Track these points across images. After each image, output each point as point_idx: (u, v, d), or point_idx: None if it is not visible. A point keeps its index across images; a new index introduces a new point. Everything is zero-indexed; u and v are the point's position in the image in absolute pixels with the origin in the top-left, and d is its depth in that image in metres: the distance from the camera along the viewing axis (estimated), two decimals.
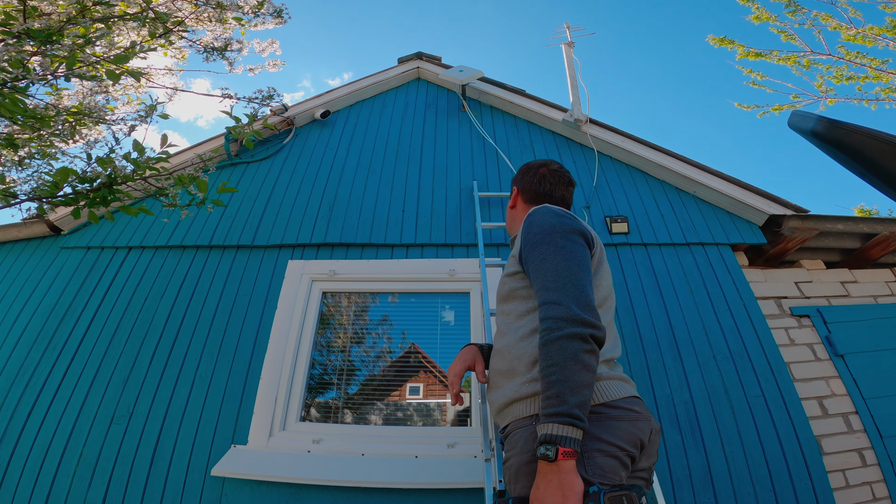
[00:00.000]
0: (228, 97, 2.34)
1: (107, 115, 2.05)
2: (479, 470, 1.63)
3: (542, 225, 1.00)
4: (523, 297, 1.03)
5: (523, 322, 1.00)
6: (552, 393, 0.79)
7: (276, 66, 2.63)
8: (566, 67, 3.03)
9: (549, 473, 0.76)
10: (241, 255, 2.38)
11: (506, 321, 1.05)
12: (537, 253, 0.97)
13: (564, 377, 0.80)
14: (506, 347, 1.00)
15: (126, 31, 2.14)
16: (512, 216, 1.31)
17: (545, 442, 0.76)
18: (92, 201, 1.68)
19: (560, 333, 0.83)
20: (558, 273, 0.91)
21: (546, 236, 0.98)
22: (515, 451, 0.88)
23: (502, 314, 1.07)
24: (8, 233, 2.57)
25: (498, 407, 0.99)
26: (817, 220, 2.21)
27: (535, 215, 1.04)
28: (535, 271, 0.95)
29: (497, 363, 1.02)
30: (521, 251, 1.03)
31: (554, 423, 0.77)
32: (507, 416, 0.95)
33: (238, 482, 1.70)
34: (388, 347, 2.15)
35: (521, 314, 1.01)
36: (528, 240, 1.01)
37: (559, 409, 0.78)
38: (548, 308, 0.88)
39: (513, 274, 1.06)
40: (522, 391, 0.92)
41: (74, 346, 2.13)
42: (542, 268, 0.93)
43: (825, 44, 4.59)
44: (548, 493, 0.74)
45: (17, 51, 1.61)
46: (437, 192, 2.58)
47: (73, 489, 1.74)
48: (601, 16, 62.93)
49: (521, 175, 1.31)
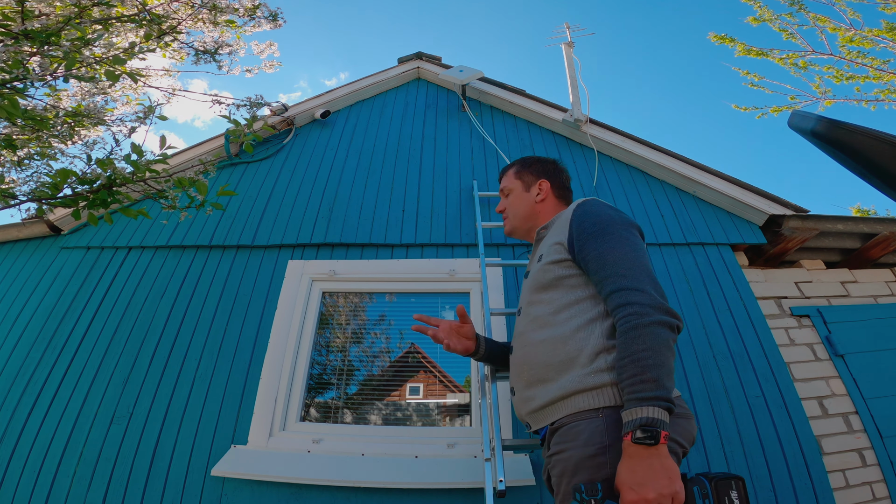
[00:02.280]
0: (218, 102, 2.33)
1: (106, 116, 2.05)
2: (479, 470, 1.63)
3: (602, 215, 0.99)
4: (571, 286, 0.98)
5: (573, 312, 0.95)
6: (649, 377, 0.77)
7: (272, 67, 2.63)
8: (566, 67, 3.02)
9: (650, 458, 0.73)
10: (241, 255, 2.38)
11: (544, 310, 0.99)
12: (601, 241, 0.94)
13: (660, 362, 0.78)
14: (556, 338, 0.94)
15: (124, 32, 2.14)
16: (536, 210, 1.25)
17: (645, 426, 0.73)
18: (91, 203, 1.67)
19: (651, 319, 0.82)
20: (632, 262, 0.90)
21: (609, 226, 0.96)
22: (576, 444, 0.84)
23: (538, 303, 1.01)
24: (8, 233, 2.57)
25: (547, 401, 0.92)
26: (817, 220, 2.21)
27: (591, 205, 1.02)
28: (599, 259, 0.92)
29: (542, 355, 0.95)
30: (573, 239, 0.99)
31: (653, 406, 0.75)
32: (561, 409, 0.90)
33: (238, 482, 1.70)
34: (387, 347, 2.15)
35: (568, 304, 0.96)
36: (585, 228, 0.97)
37: (658, 392, 0.76)
38: (629, 294, 0.85)
39: (558, 262, 1.00)
40: (586, 382, 0.87)
41: (74, 346, 2.13)
42: (611, 255, 0.91)
43: (826, 43, 4.59)
44: (651, 476, 0.71)
45: (15, 51, 1.61)
46: (437, 192, 2.58)
47: (73, 489, 1.74)
48: (601, 16, 62.99)
49: (546, 168, 1.29)
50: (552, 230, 1.10)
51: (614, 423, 0.82)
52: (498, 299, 2.12)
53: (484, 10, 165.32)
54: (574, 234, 0.99)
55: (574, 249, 0.98)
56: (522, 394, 0.99)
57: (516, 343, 1.06)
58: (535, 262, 1.10)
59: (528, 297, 1.06)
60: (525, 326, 1.03)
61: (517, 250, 2.33)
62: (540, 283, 1.03)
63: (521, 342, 1.03)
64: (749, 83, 4.94)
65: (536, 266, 1.06)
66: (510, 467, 1.64)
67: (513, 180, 1.31)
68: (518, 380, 1.01)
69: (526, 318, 1.04)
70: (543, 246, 1.09)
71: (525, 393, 0.98)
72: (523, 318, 1.05)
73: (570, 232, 1.00)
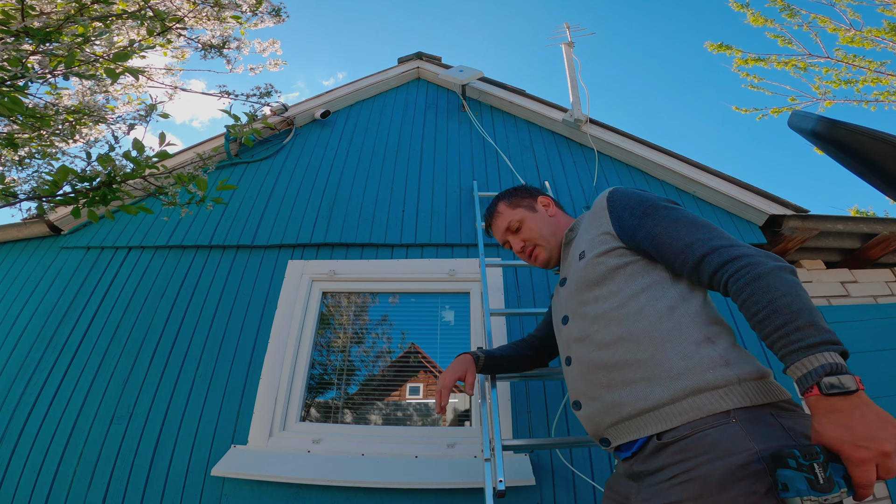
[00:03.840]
0: (227, 94, 2.34)
1: (106, 114, 2.05)
2: (479, 470, 1.63)
3: (643, 195, 0.93)
4: (630, 275, 0.88)
5: (643, 301, 0.84)
6: (804, 322, 0.65)
7: (276, 65, 2.63)
8: (566, 67, 3.03)
9: (858, 408, 0.61)
10: (241, 255, 2.38)
11: (607, 306, 0.87)
12: (658, 217, 0.86)
13: (808, 305, 0.66)
14: (637, 332, 0.81)
15: (125, 29, 2.14)
16: (554, 224, 1.18)
17: (833, 373, 0.61)
18: (92, 200, 1.67)
19: (771, 266, 0.71)
20: (706, 226, 0.82)
21: (656, 202, 0.89)
22: (712, 457, 0.67)
23: (595, 301, 0.90)
24: (8, 233, 2.57)
25: (646, 405, 0.77)
26: (817, 220, 2.22)
27: (624, 190, 0.96)
28: (667, 234, 0.83)
29: (623, 353, 0.82)
30: (622, 224, 0.91)
31: (826, 352, 0.63)
32: (671, 415, 0.74)
33: (238, 482, 1.70)
34: (387, 347, 2.15)
35: (634, 293, 0.85)
36: (633, 210, 0.90)
37: (824, 336, 0.64)
38: (727, 250, 0.76)
39: (608, 252, 0.91)
40: (703, 380, 0.73)
41: (74, 346, 2.13)
42: (681, 226, 0.83)
43: (823, 47, 4.60)
44: (874, 428, 0.59)
45: (15, 49, 1.61)
46: (437, 192, 2.58)
47: (73, 489, 1.74)
48: (601, 16, 62.99)
49: (531, 190, 1.26)
50: (582, 229, 1.03)
51: (753, 426, 0.68)
52: (498, 299, 2.12)
53: (484, 10, 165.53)
54: (622, 219, 0.91)
55: (626, 234, 0.90)
56: (603, 401, 0.84)
57: (577, 350, 0.92)
58: (573, 264, 1.00)
59: (576, 300, 0.95)
60: (585, 329, 0.91)
61: None
62: (590, 279, 0.92)
63: (586, 347, 0.90)
64: (749, 85, 4.95)
65: (579, 265, 0.96)
66: (510, 467, 1.64)
67: (513, 212, 1.19)
68: (592, 387, 0.87)
69: (582, 321, 0.92)
70: (578, 245, 1.00)
71: (607, 399, 0.83)
72: (577, 323, 0.94)
73: (613, 219, 0.93)
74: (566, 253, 1.10)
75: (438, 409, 1.12)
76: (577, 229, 1.07)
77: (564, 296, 1.02)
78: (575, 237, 1.07)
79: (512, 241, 1.21)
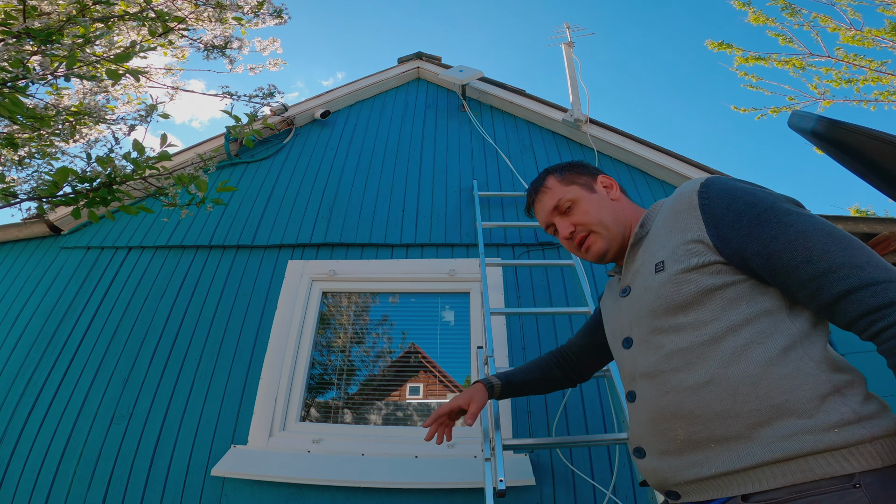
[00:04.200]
0: (229, 95, 2.34)
1: (107, 114, 2.05)
2: (479, 470, 1.63)
3: (751, 192, 0.69)
4: (731, 300, 0.68)
5: (747, 336, 0.65)
6: None
7: (276, 65, 2.63)
8: (566, 67, 3.03)
9: None
10: (241, 255, 2.38)
11: (693, 339, 0.68)
12: (776, 227, 0.64)
13: None
14: (736, 378, 0.64)
15: (126, 30, 2.14)
16: (618, 210, 0.92)
17: None
18: (92, 201, 1.68)
19: None
20: (851, 244, 0.61)
21: (775, 204, 0.66)
22: None
23: (677, 330, 0.71)
24: (8, 233, 2.57)
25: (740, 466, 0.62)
26: None
27: (724, 183, 0.72)
28: (792, 251, 0.63)
29: (714, 403, 0.65)
30: (721, 231, 0.69)
31: None
32: (771, 475, 0.60)
33: (238, 482, 1.70)
34: (388, 347, 2.15)
35: (734, 326, 0.66)
36: (741, 213, 0.68)
37: None
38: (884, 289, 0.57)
39: (700, 267, 0.69)
40: (825, 442, 0.58)
41: (74, 346, 2.13)
42: (813, 242, 0.62)
43: (824, 46, 4.60)
44: None
45: (16, 50, 1.61)
46: (437, 192, 2.59)
47: (73, 489, 1.74)
48: (601, 16, 62.94)
49: (589, 166, 1.00)
50: (658, 228, 0.80)
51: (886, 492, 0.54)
52: (498, 299, 2.12)
53: (484, 10, 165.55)
54: (722, 225, 0.69)
55: (728, 247, 0.68)
56: (679, 459, 0.69)
57: (644, 388, 0.76)
58: (644, 275, 0.78)
59: (648, 324, 0.75)
60: (658, 364, 0.73)
61: (517, 250, 2.33)
62: (672, 301, 0.71)
63: (657, 387, 0.72)
64: (748, 84, 4.95)
65: (655, 279, 0.75)
66: (510, 467, 1.64)
67: (565, 189, 0.94)
68: (663, 439, 0.71)
69: (654, 352, 0.74)
70: (652, 249, 0.79)
71: (687, 457, 0.68)
72: (647, 354, 0.75)
73: (709, 223, 0.70)
74: (633, 255, 0.86)
75: (428, 436, 1.06)
76: (650, 225, 0.84)
77: (629, 313, 0.82)
78: (646, 236, 0.83)
79: (559, 225, 0.94)
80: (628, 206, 0.94)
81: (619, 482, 1.66)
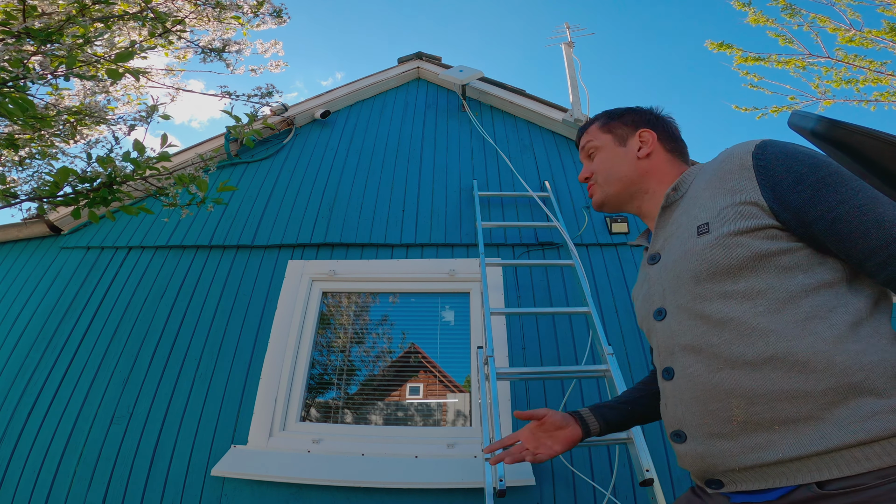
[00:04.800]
0: (228, 95, 2.34)
1: (107, 115, 2.05)
2: (479, 470, 1.64)
3: (813, 155, 0.65)
4: (787, 268, 0.63)
5: (809, 309, 0.60)
6: None
7: (278, 66, 2.63)
8: (566, 67, 3.03)
9: None
10: (241, 255, 2.38)
11: (745, 310, 0.63)
12: (842, 192, 0.60)
13: None
14: (803, 353, 0.58)
15: (126, 30, 2.14)
16: (641, 169, 0.87)
17: None
18: (92, 201, 1.68)
19: None
20: None
21: (838, 168, 0.62)
22: None
23: (722, 297, 0.65)
24: (8, 233, 2.57)
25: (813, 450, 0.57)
26: None
27: (779, 145, 0.67)
28: (857, 217, 0.58)
29: (777, 381, 0.59)
30: (779, 194, 0.64)
31: None
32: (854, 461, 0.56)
33: (238, 482, 1.70)
34: (388, 347, 2.15)
35: (793, 296, 0.61)
36: (802, 175, 0.63)
37: None
38: None
39: (751, 231, 0.64)
40: None
41: (74, 346, 2.13)
42: (879, 206, 0.58)
43: (823, 47, 4.60)
44: None
45: (16, 50, 1.61)
46: (437, 192, 2.59)
47: (73, 489, 1.74)
48: (601, 16, 63.09)
49: (645, 116, 0.92)
50: (698, 189, 0.75)
51: None
52: (498, 299, 2.12)
53: (484, 10, 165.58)
54: (781, 187, 0.64)
55: (787, 210, 0.63)
56: (733, 441, 0.63)
57: (686, 363, 0.69)
58: (681, 237, 0.73)
59: (690, 290, 0.69)
60: (703, 336, 0.66)
61: (517, 250, 2.33)
62: (719, 265, 0.66)
63: (705, 362, 0.66)
64: (749, 84, 4.95)
65: (698, 242, 0.69)
66: (510, 467, 1.64)
67: (599, 135, 0.94)
68: (712, 419, 0.65)
69: (698, 322, 0.68)
70: (691, 211, 0.73)
71: (743, 439, 0.62)
72: (688, 325, 0.69)
73: (764, 184, 0.65)
74: (665, 218, 0.81)
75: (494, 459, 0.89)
76: (685, 188, 0.79)
77: (661, 281, 0.76)
78: (681, 199, 0.79)
79: (584, 166, 0.97)
80: (661, 165, 0.88)
81: (619, 482, 1.66)
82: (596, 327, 1.69)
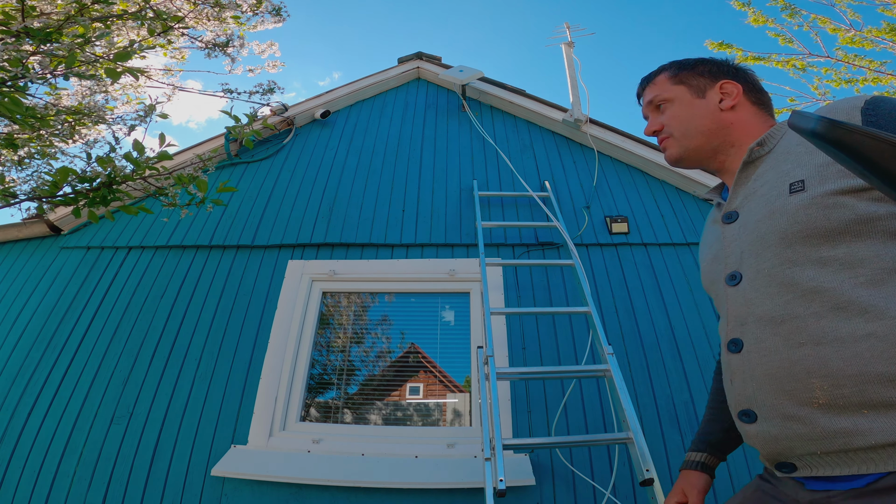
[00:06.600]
0: (228, 92, 2.34)
1: (106, 114, 2.05)
2: (479, 470, 1.64)
3: None
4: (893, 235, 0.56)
5: None
6: None
7: (275, 66, 2.63)
8: (566, 67, 3.03)
9: None
10: (241, 255, 2.38)
11: (843, 279, 0.56)
12: None
13: None
14: None
15: (125, 30, 2.14)
16: (725, 121, 0.79)
17: None
18: (92, 201, 1.68)
19: None
20: None
21: None
22: None
23: (817, 263, 0.58)
24: (8, 233, 2.57)
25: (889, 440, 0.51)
26: None
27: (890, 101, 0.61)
28: None
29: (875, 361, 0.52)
30: None
31: None
32: None
33: (238, 482, 1.70)
34: (387, 347, 2.15)
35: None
36: None
37: None
38: None
39: (856, 191, 0.57)
40: None
41: (74, 346, 2.13)
42: None
43: (823, 47, 4.61)
44: None
45: (16, 50, 1.61)
46: (437, 192, 2.59)
47: (73, 489, 1.74)
48: (601, 16, 63.13)
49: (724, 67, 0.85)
50: (789, 144, 0.68)
51: None
52: (498, 299, 2.12)
53: (484, 10, 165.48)
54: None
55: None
56: (814, 424, 0.57)
57: (763, 335, 0.62)
58: (769, 195, 0.66)
59: (778, 252, 0.62)
60: (788, 306, 0.59)
61: (517, 250, 2.33)
62: (816, 226, 0.58)
63: (787, 335, 0.59)
64: None
65: (790, 201, 0.62)
66: (510, 467, 1.64)
67: (669, 87, 0.85)
68: (790, 399, 0.58)
69: (783, 289, 0.60)
70: (783, 168, 0.66)
71: (825, 423, 0.56)
72: (770, 292, 0.62)
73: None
74: (746, 174, 0.73)
75: None
76: (773, 144, 0.72)
77: (739, 242, 0.69)
78: (767, 154, 0.71)
79: (649, 120, 0.89)
80: (747, 118, 0.80)
81: (619, 482, 1.66)
82: (596, 327, 1.69)
